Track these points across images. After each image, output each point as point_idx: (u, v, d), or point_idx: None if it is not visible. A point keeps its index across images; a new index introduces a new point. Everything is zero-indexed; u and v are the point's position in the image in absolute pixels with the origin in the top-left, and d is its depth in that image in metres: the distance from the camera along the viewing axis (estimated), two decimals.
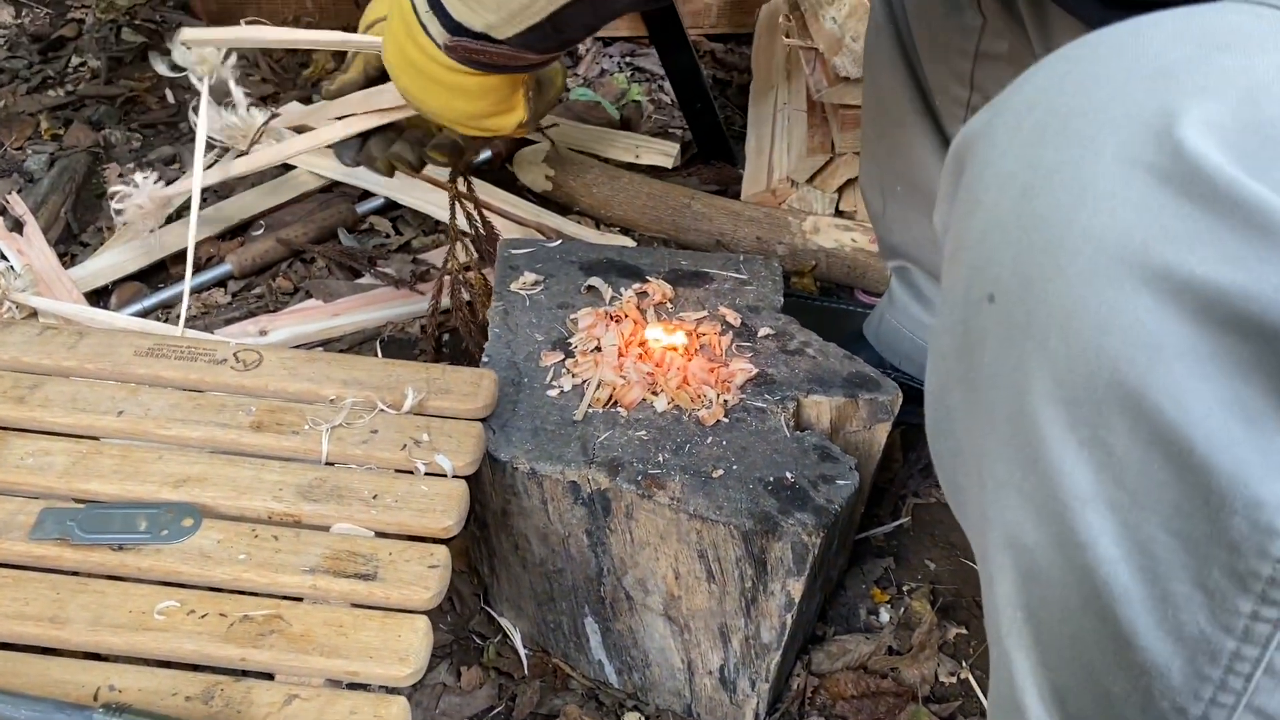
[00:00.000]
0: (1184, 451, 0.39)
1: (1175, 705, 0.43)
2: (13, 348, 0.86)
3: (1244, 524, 0.39)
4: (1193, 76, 0.39)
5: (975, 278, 0.44)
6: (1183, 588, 0.41)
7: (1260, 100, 0.38)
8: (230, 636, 0.68)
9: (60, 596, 0.69)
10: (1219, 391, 0.38)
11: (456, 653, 0.98)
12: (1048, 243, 0.40)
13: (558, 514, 0.84)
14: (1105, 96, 0.40)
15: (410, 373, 0.86)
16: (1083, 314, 0.39)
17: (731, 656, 0.87)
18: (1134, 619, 0.42)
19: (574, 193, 1.49)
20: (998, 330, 0.43)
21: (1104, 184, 0.39)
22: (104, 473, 0.77)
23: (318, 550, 0.73)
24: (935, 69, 0.94)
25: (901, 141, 1.00)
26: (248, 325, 1.27)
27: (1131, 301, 0.38)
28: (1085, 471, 0.41)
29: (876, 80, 1.01)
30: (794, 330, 0.96)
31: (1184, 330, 0.38)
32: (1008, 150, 0.43)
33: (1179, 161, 0.37)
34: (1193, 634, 0.42)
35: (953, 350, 0.47)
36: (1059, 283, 0.40)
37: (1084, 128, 0.40)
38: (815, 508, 0.79)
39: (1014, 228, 0.42)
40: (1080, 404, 0.41)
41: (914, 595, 1.04)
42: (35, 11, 1.97)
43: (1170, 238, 0.38)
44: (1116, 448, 0.40)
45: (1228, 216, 0.36)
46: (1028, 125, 0.43)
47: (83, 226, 1.45)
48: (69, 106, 1.70)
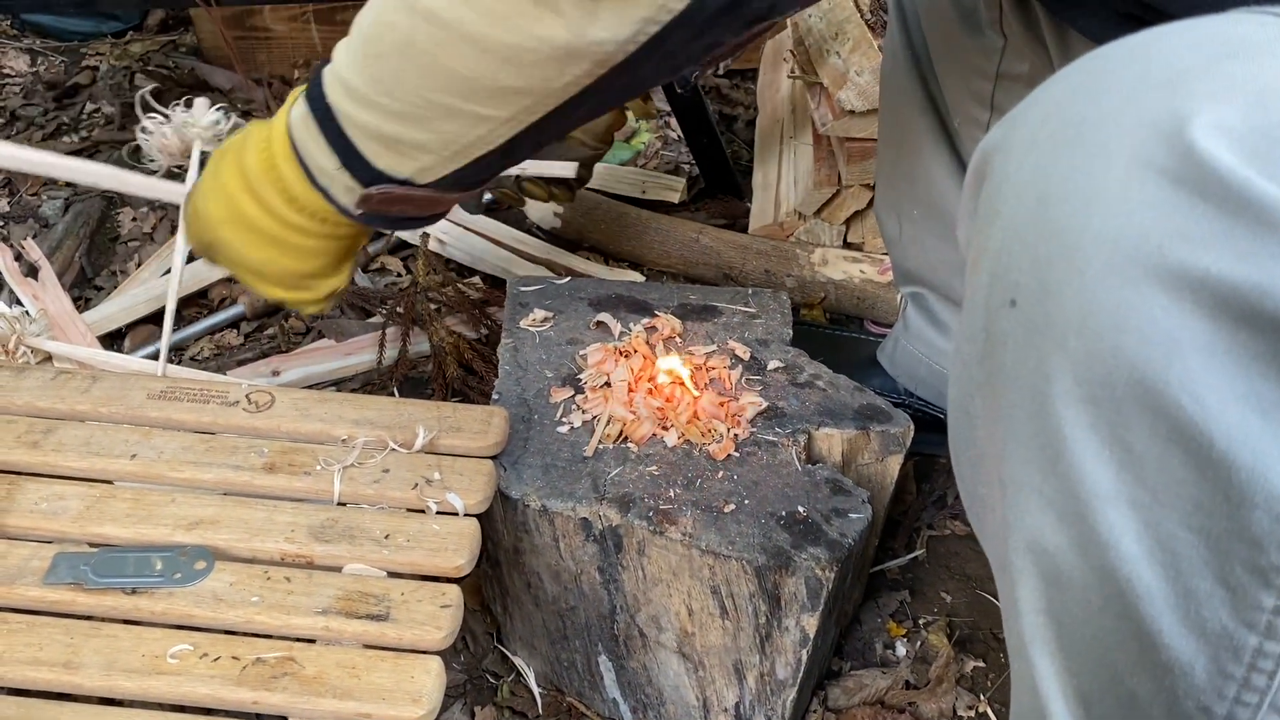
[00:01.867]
0: (1203, 447, 0.39)
1: (1200, 704, 0.43)
2: (27, 393, 0.87)
3: (1265, 518, 0.39)
4: (1202, 82, 0.40)
5: (996, 284, 0.45)
6: (1205, 584, 0.41)
7: (1269, 103, 0.39)
8: (243, 680, 0.68)
9: (74, 641, 0.70)
10: (1236, 387, 0.39)
11: (470, 692, 0.97)
12: (1065, 247, 0.41)
13: (569, 551, 0.84)
14: (1117, 104, 0.42)
15: (421, 411, 0.86)
16: (1100, 314, 0.40)
17: (747, 693, 0.86)
18: (1157, 617, 0.43)
19: (582, 229, 1.50)
20: (1018, 333, 0.44)
21: (1118, 188, 0.40)
22: (117, 516, 0.77)
23: (330, 591, 0.73)
24: (954, 91, 0.95)
25: (918, 165, 1.00)
26: (260, 366, 1.28)
27: (1147, 301, 0.39)
28: (1106, 470, 0.42)
29: (892, 104, 1.01)
30: (803, 363, 0.96)
31: (1200, 327, 0.38)
32: (1024, 160, 0.44)
33: (1191, 164, 0.38)
34: (1215, 631, 0.42)
35: (975, 357, 0.48)
36: (1077, 284, 0.41)
37: (1097, 135, 0.41)
38: (828, 542, 0.78)
39: (1032, 234, 0.43)
40: (1100, 403, 0.41)
41: (930, 628, 1.03)
42: (50, 59, 2.00)
43: (1184, 238, 0.38)
44: (1136, 446, 0.41)
45: (1240, 215, 0.37)
46: (1043, 135, 0.44)
47: (97, 271, 1.46)
48: (83, 152, 1.73)
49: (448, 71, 0.62)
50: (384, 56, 0.65)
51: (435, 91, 0.64)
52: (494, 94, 0.63)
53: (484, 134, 0.66)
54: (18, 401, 0.86)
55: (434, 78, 0.63)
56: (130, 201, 1.61)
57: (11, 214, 1.59)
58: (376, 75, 0.66)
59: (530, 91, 0.62)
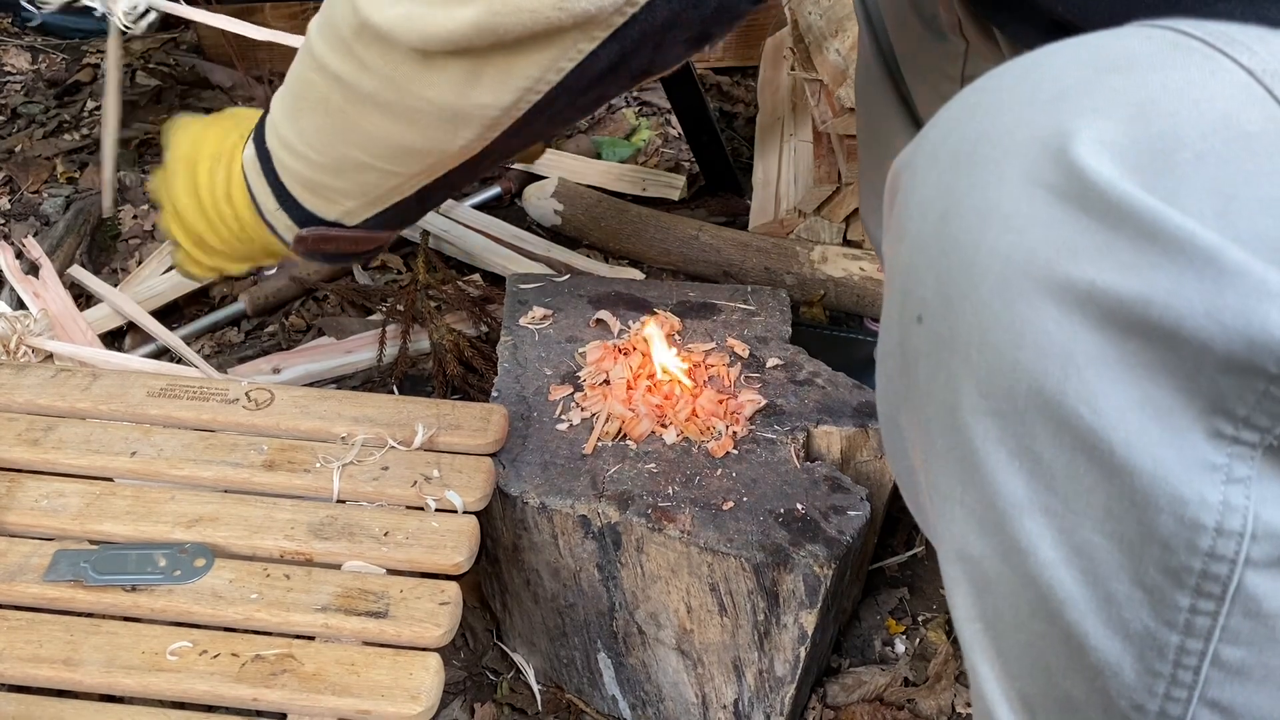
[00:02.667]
0: (1106, 455, 0.40)
1: (1133, 703, 0.44)
2: (27, 390, 0.87)
3: (1170, 521, 0.40)
4: (1086, 98, 0.41)
5: (906, 300, 0.46)
6: (1123, 587, 0.42)
7: (1150, 116, 0.39)
8: (243, 677, 0.68)
9: (74, 638, 0.70)
10: (1130, 394, 0.39)
11: (469, 689, 0.98)
12: (962, 263, 0.42)
13: (568, 548, 0.84)
14: (1009, 122, 0.43)
15: (421, 409, 0.87)
16: (997, 329, 0.41)
17: (746, 690, 0.87)
18: (1081, 621, 0.43)
19: (583, 227, 1.50)
20: (927, 349, 0.45)
21: (1009, 205, 0.41)
22: (117, 514, 0.78)
23: (329, 588, 0.73)
24: (923, 95, 0.96)
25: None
26: (261, 363, 1.28)
27: (1040, 314, 0.40)
28: (1018, 481, 0.43)
29: (869, 111, 1.02)
30: (803, 360, 0.96)
31: (1091, 338, 0.39)
32: (926, 178, 0.45)
33: (1074, 179, 0.39)
34: (1138, 631, 0.43)
35: (896, 371, 0.48)
36: (974, 300, 0.42)
37: (990, 152, 0.42)
38: (827, 539, 0.78)
39: (934, 251, 0.44)
40: (1005, 415, 0.42)
41: (929, 625, 1.03)
42: (51, 57, 2.00)
43: (1071, 251, 0.39)
44: (1044, 455, 0.42)
45: (1122, 228, 0.38)
46: (944, 153, 0.45)
47: (98, 269, 1.47)
48: (84, 150, 1.73)
49: (359, 130, 0.67)
50: (305, 112, 0.71)
51: (350, 147, 0.69)
52: (400, 153, 0.68)
53: (397, 185, 0.72)
54: (18, 399, 0.86)
55: (348, 134, 0.68)
56: (130, 199, 1.61)
57: (13, 211, 1.59)
58: (301, 128, 0.71)
59: (430, 152, 0.68)
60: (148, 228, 1.56)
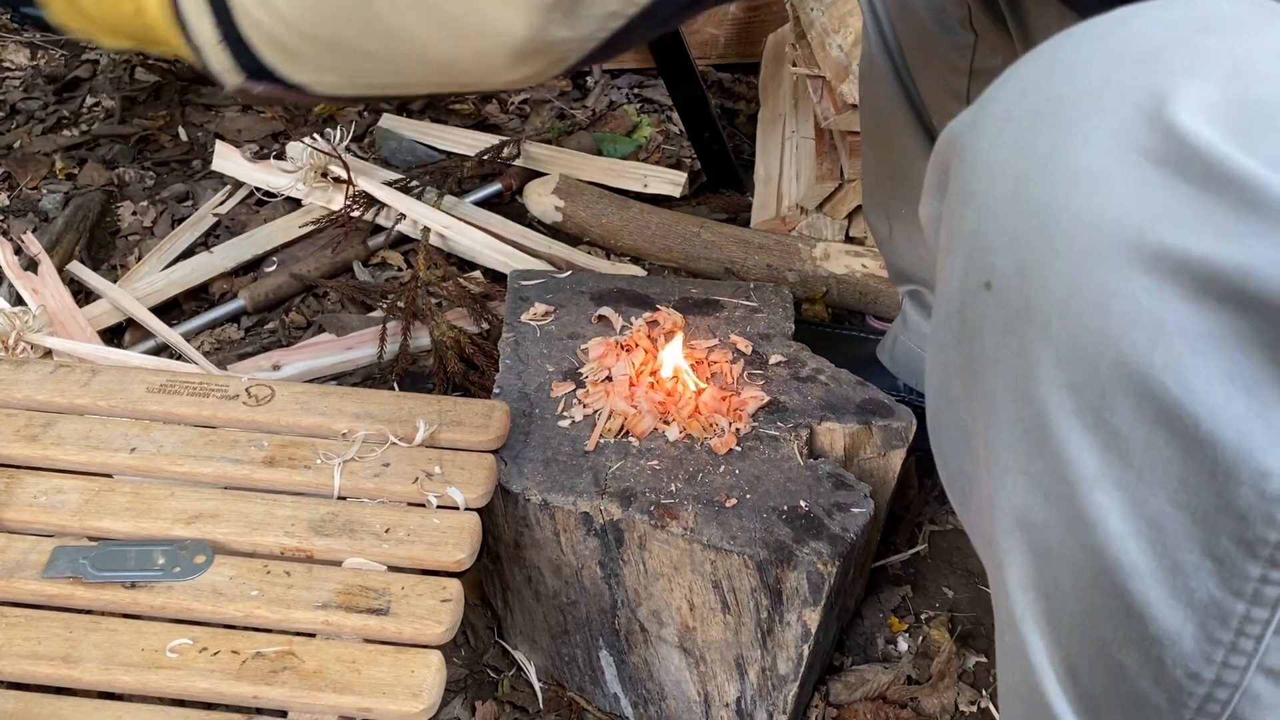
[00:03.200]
0: (1189, 427, 0.40)
1: (1188, 671, 0.44)
2: (26, 386, 0.86)
3: (1250, 494, 0.40)
4: (1180, 58, 0.40)
5: (971, 266, 0.45)
6: (1191, 557, 0.42)
7: (1247, 78, 0.38)
8: (243, 674, 0.68)
9: (73, 635, 0.69)
10: (1220, 366, 0.39)
11: (471, 687, 0.97)
12: (1044, 228, 0.41)
13: (570, 545, 0.84)
14: (1095, 82, 0.41)
15: (422, 405, 0.86)
16: (1082, 298, 0.40)
17: (748, 688, 0.86)
18: (1145, 591, 0.43)
19: (584, 223, 1.49)
20: (997, 317, 0.44)
21: (1098, 168, 0.40)
22: (116, 510, 0.77)
23: (330, 585, 0.73)
24: (931, 88, 0.95)
25: (903, 164, 1.00)
26: (261, 360, 1.27)
27: (1130, 283, 0.39)
28: (1091, 454, 0.42)
29: (874, 106, 1.01)
30: (805, 357, 0.96)
31: (1183, 308, 0.38)
32: (998, 140, 0.44)
33: (1172, 142, 0.38)
34: (1203, 600, 0.43)
35: (951, 340, 0.47)
36: (1057, 267, 0.41)
37: (1075, 114, 0.41)
38: (830, 536, 0.78)
39: (1009, 215, 0.43)
40: (1084, 387, 0.41)
41: (932, 624, 1.03)
42: (50, 53, 1.99)
43: (1166, 218, 0.38)
44: (1122, 428, 0.41)
45: (1222, 194, 0.37)
46: (1018, 114, 0.43)
47: (97, 265, 1.46)
48: (83, 146, 1.72)
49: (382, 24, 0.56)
50: None
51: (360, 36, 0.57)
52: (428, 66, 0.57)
53: (400, 84, 0.62)
54: (17, 395, 0.86)
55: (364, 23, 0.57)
56: (129, 195, 1.60)
57: (11, 207, 1.59)
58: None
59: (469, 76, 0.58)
60: (147, 224, 1.56)
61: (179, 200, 1.61)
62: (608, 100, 1.86)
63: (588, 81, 1.90)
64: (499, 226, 1.47)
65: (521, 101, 1.85)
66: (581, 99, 1.86)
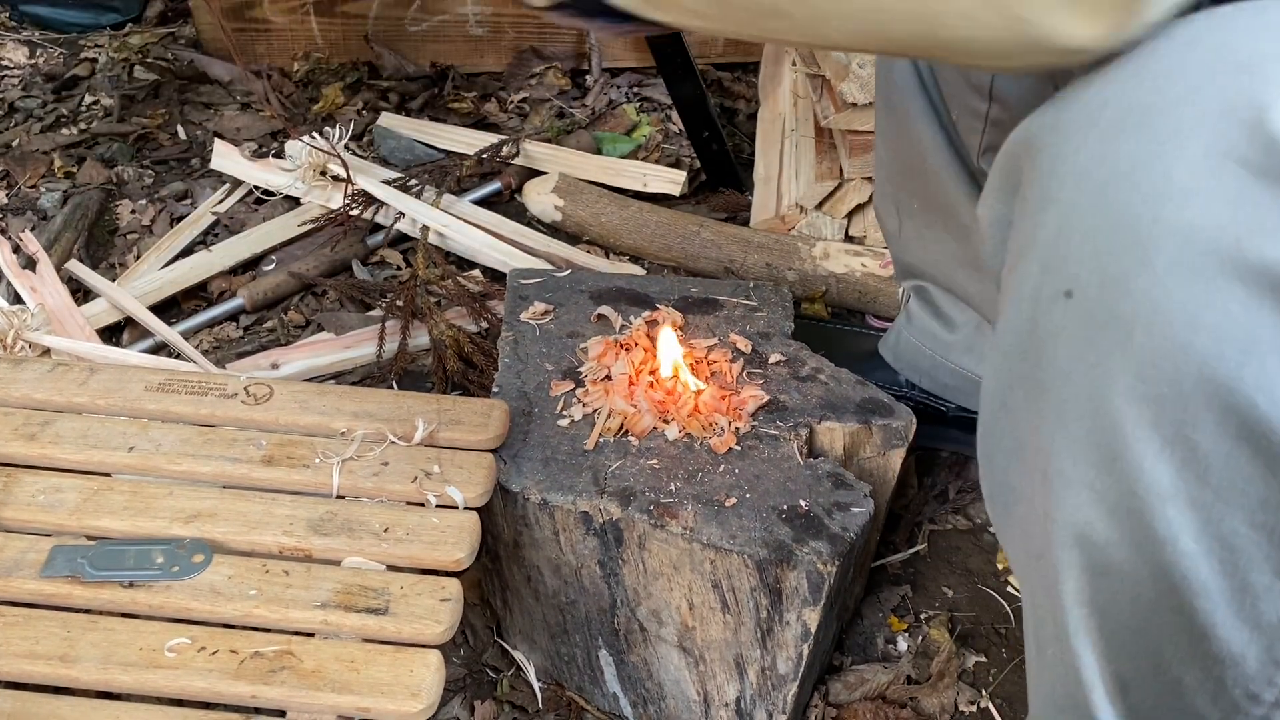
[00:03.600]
0: (1274, 445, 0.39)
1: (1248, 692, 0.44)
2: (24, 385, 0.86)
3: None
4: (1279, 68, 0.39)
5: (1049, 275, 0.43)
6: (1264, 579, 0.41)
7: None
8: (241, 674, 0.67)
9: (71, 634, 0.69)
10: None
11: (470, 686, 0.97)
12: (1132, 237, 0.40)
13: (570, 545, 0.84)
14: (1188, 89, 0.40)
15: (421, 404, 0.86)
16: (1169, 310, 0.39)
17: (748, 688, 0.86)
18: (1212, 611, 0.43)
19: (583, 222, 1.49)
20: (1074, 328, 0.43)
21: (1192, 178, 0.39)
22: (115, 509, 0.77)
23: (329, 585, 0.73)
24: (951, 82, 0.94)
25: (916, 159, 1.00)
26: (259, 359, 1.27)
27: (1223, 296, 0.38)
28: (1166, 469, 0.41)
29: (889, 97, 1.01)
30: (805, 356, 0.96)
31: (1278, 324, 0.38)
32: (1082, 144, 0.43)
33: (1274, 154, 0.37)
34: (1271, 622, 0.42)
35: (1017, 349, 0.46)
36: (1144, 278, 0.40)
37: (1167, 121, 0.40)
38: (830, 536, 0.78)
39: (1094, 223, 0.41)
40: (1165, 401, 0.40)
41: (932, 623, 1.03)
42: (49, 51, 1.99)
43: (1265, 231, 0.37)
44: (1202, 444, 0.40)
45: None
46: (1104, 120, 0.42)
47: (95, 263, 1.46)
48: (82, 144, 1.72)
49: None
50: None
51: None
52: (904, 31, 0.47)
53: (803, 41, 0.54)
54: (15, 394, 0.86)
55: None
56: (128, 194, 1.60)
57: (10, 206, 1.58)
58: None
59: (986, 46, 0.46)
60: (145, 222, 1.55)
61: (177, 199, 1.60)
62: (607, 99, 1.86)
63: (587, 80, 1.90)
64: (498, 225, 1.47)
65: (521, 100, 1.85)
66: (581, 98, 1.86)
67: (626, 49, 1.89)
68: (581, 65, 1.91)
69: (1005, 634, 1.02)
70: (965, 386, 1.10)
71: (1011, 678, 0.98)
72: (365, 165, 1.59)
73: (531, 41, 1.89)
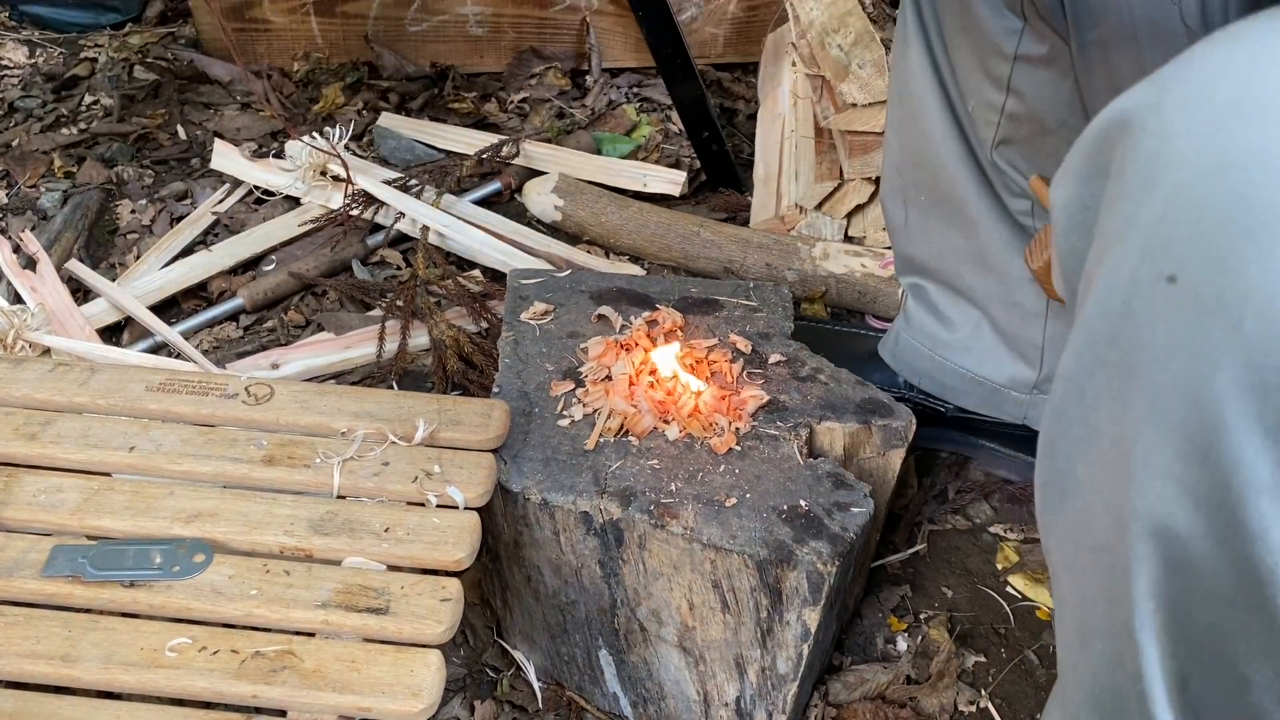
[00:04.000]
0: None
1: None
2: (25, 384, 0.86)
3: None
4: None
5: (1150, 258, 0.42)
6: None
7: None
8: (242, 673, 0.67)
9: (72, 634, 0.69)
10: None
11: (470, 686, 0.97)
12: (1245, 222, 0.39)
13: (570, 545, 0.84)
14: None
15: (421, 404, 0.86)
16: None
17: (748, 688, 0.86)
18: None
19: (583, 222, 1.49)
20: (1175, 313, 0.42)
21: None
22: (115, 509, 0.77)
23: (329, 585, 0.73)
24: (969, 74, 0.94)
25: (927, 151, 1.00)
26: (259, 359, 1.27)
27: None
28: (1266, 461, 0.40)
29: (902, 89, 1.01)
30: (805, 357, 0.96)
31: None
32: (1189, 126, 0.42)
33: None
34: None
35: (1105, 334, 0.45)
36: (1258, 264, 0.39)
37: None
38: (830, 536, 0.78)
39: (1204, 205, 0.40)
40: (1272, 391, 0.39)
41: (931, 623, 1.03)
42: (49, 51, 1.99)
43: None
44: None
45: None
46: (1216, 101, 0.41)
47: (96, 263, 1.46)
48: (82, 144, 1.72)
49: None
50: None
51: None
52: None
53: None
54: (15, 393, 0.86)
55: None
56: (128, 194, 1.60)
57: (10, 206, 1.58)
58: None
59: None
60: (145, 222, 1.55)
61: (177, 199, 1.60)
62: (607, 99, 1.86)
63: (587, 80, 1.90)
64: (498, 225, 1.47)
65: (521, 100, 1.85)
66: (581, 98, 1.86)
67: (627, 49, 1.90)
68: (581, 65, 1.91)
69: (1004, 634, 1.02)
70: (965, 387, 1.10)
71: (1011, 678, 0.99)
72: (365, 165, 1.59)
73: (531, 42, 1.89)
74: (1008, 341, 1.05)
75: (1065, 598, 0.54)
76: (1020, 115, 0.92)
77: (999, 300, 1.03)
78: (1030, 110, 0.91)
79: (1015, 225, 0.99)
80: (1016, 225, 0.99)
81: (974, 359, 1.08)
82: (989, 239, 1.00)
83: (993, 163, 0.96)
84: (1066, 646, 0.55)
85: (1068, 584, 0.53)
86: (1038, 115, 0.91)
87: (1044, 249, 0.90)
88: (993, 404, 1.10)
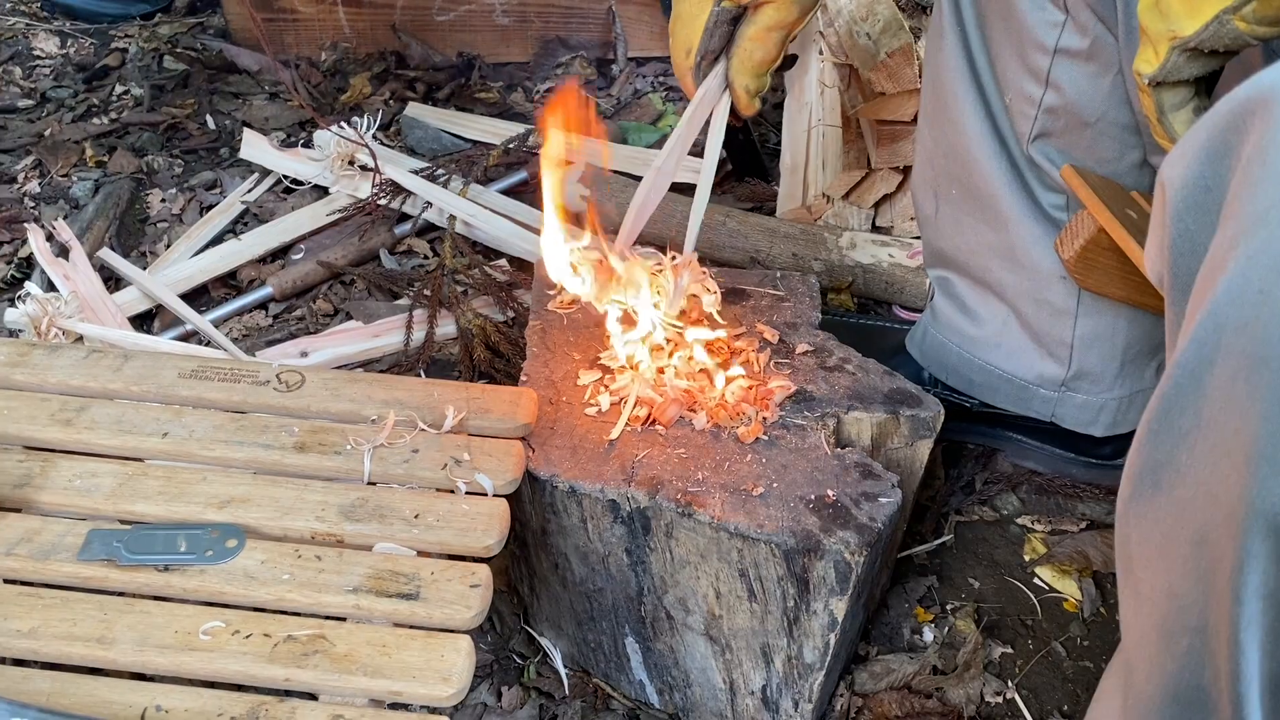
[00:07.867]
0: None
1: None
2: (60, 371, 0.87)
3: None
4: None
5: None
6: None
7: None
8: (275, 657, 0.68)
9: (107, 617, 0.70)
10: None
11: (497, 672, 0.98)
12: None
13: (597, 532, 0.84)
14: None
15: (450, 392, 0.87)
16: None
17: (774, 677, 0.86)
18: None
19: (609, 212, 1.49)
20: None
21: None
22: (149, 494, 0.78)
23: (360, 570, 0.73)
24: (1008, 67, 0.93)
25: (959, 144, 0.99)
26: (288, 347, 1.28)
27: None
28: None
29: (937, 81, 1.00)
30: (832, 346, 0.96)
31: None
32: None
33: None
34: None
35: (1235, 321, 0.44)
36: None
37: None
38: (858, 526, 0.78)
39: None
40: None
41: (958, 614, 1.02)
42: (80, 41, 2.01)
43: None
44: None
45: None
46: None
47: (127, 251, 1.47)
48: (113, 134, 1.74)
49: None
50: None
51: None
52: None
53: None
54: (51, 380, 0.87)
55: None
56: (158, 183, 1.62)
57: (42, 195, 1.60)
58: None
59: None
60: (175, 211, 1.57)
61: (207, 188, 1.62)
62: (633, 89, 1.86)
63: (613, 70, 1.89)
64: (524, 215, 1.48)
65: (547, 90, 1.85)
66: (606, 87, 1.86)
67: (653, 38, 1.89)
68: (607, 55, 1.91)
69: (1031, 625, 1.02)
70: (992, 383, 1.09)
71: (1038, 669, 0.98)
72: (393, 155, 1.59)
73: (557, 31, 1.89)
74: (1036, 338, 1.05)
75: (1145, 592, 0.53)
76: (1058, 109, 0.91)
77: (1028, 296, 1.02)
78: (1069, 104, 0.90)
79: (1047, 221, 0.98)
80: (1048, 221, 0.98)
81: (1002, 355, 1.07)
82: (1020, 234, 0.99)
83: (1028, 157, 0.95)
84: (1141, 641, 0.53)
85: (1151, 577, 0.52)
86: (1076, 109, 0.90)
87: (1076, 237, 0.89)
88: (1020, 401, 1.09)
